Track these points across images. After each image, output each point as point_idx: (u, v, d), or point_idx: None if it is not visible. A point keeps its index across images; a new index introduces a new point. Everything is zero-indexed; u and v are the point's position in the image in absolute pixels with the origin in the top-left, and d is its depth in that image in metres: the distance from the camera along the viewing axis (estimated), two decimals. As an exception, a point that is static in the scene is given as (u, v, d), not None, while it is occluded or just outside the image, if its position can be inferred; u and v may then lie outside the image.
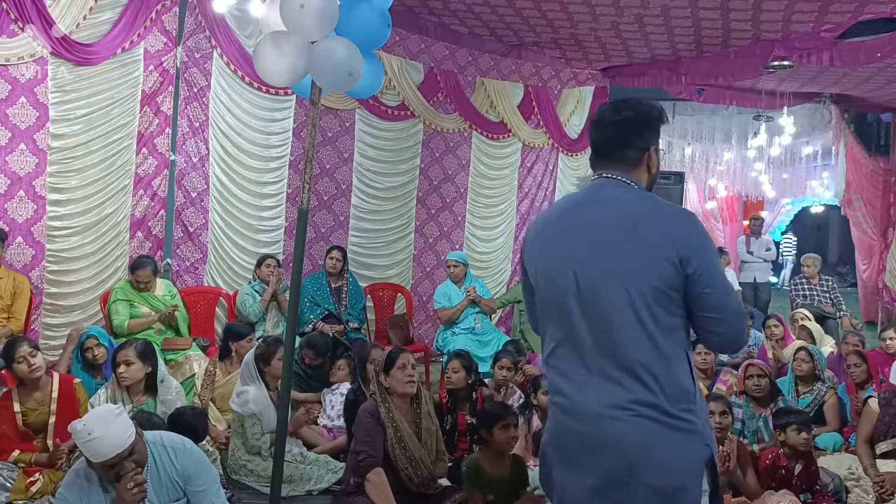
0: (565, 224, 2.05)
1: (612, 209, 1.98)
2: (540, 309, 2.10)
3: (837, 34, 6.15)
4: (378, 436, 3.45)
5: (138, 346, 4.00)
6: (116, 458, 2.62)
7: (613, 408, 1.88)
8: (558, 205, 2.19)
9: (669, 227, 1.92)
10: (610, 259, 1.92)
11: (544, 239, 2.07)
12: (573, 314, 1.95)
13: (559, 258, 2.00)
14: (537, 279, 2.08)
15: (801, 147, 11.54)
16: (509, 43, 7.58)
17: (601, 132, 2.07)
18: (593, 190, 2.06)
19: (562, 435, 2.01)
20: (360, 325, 6.25)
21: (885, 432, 4.13)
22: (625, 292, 1.88)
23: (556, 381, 2.01)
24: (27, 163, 4.94)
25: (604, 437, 1.89)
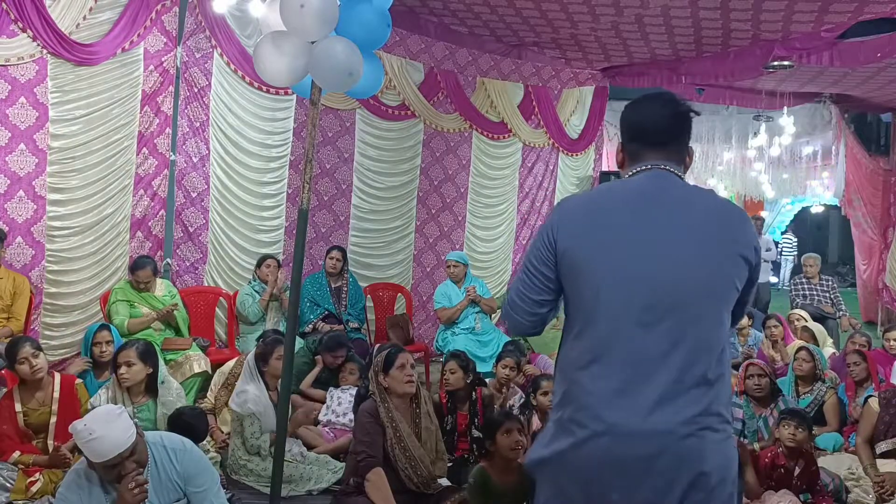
0: (636, 214, 1.84)
1: (692, 204, 1.87)
2: (578, 304, 1.86)
3: (837, 34, 6.16)
4: (377, 436, 3.45)
5: (139, 347, 3.98)
6: (117, 458, 2.62)
7: (685, 424, 1.74)
8: (616, 193, 1.96)
9: (742, 226, 1.89)
10: (699, 257, 1.80)
11: (603, 224, 1.84)
12: (638, 316, 1.77)
13: (631, 253, 1.80)
14: (580, 266, 1.83)
15: (801, 147, 11.55)
16: (509, 43, 7.58)
17: (663, 123, 1.95)
18: (660, 181, 1.90)
19: (596, 463, 1.78)
20: (359, 325, 6.25)
21: (885, 432, 4.13)
22: (712, 295, 1.80)
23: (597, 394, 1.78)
24: (27, 163, 4.94)
25: (670, 457, 1.74)
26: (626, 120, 2.01)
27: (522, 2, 6.17)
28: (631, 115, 2.00)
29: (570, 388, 1.84)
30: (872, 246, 10.35)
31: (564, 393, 1.86)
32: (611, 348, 1.79)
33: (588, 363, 1.81)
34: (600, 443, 1.77)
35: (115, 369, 3.97)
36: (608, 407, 1.77)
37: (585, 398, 1.79)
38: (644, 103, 1.99)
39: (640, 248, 1.81)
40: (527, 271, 1.93)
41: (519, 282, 1.96)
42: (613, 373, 1.78)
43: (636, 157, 1.96)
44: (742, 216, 1.92)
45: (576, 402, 1.81)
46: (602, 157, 9.46)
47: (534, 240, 1.96)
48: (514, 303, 1.95)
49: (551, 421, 1.92)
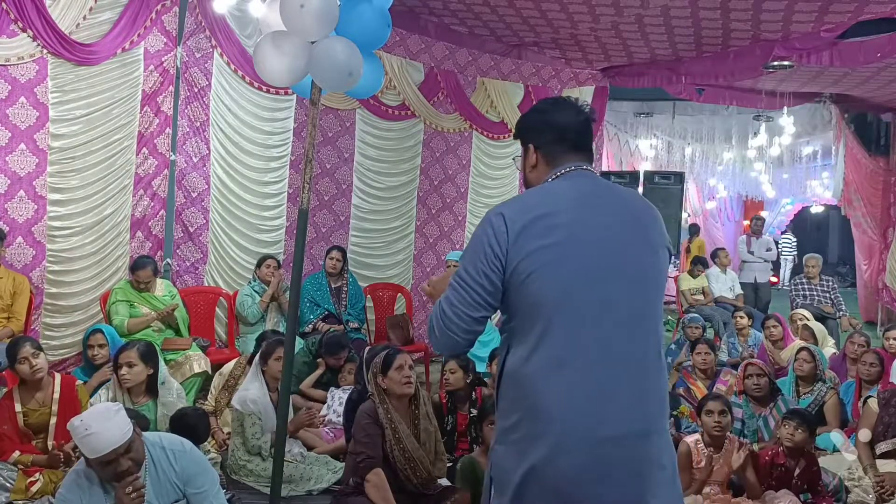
0: (584, 214, 1.85)
1: (624, 201, 1.94)
2: (535, 313, 1.79)
3: (837, 34, 6.15)
4: (377, 436, 3.45)
5: (141, 348, 3.99)
6: (112, 454, 2.62)
7: (651, 421, 1.81)
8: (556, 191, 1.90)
9: (659, 218, 1.99)
10: (643, 252, 1.87)
11: (555, 227, 1.81)
12: (603, 316, 1.78)
13: (586, 252, 1.80)
14: (540, 270, 1.78)
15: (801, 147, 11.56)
16: (509, 43, 7.58)
17: (582, 126, 1.98)
18: (592, 181, 1.94)
19: (576, 474, 1.75)
20: (359, 326, 6.25)
21: (884, 432, 4.13)
22: (658, 288, 1.90)
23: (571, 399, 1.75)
24: (27, 163, 4.94)
25: (642, 458, 1.78)
26: (542, 122, 1.99)
27: (522, 2, 6.17)
28: (547, 117, 1.99)
29: (533, 401, 1.77)
30: (872, 246, 10.35)
31: (526, 408, 1.79)
32: (579, 353, 1.77)
33: (554, 372, 1.76)
34: (579, 452, 1.74)
35: (115, 370, 3.97)
36: (580, 413, 1.75)
37: (554, 408, 1.75)
38: (557, 106, 2.01)
39: (596, 248, 1.82)
40: (465, 286, 1.83)
41: (453, 298, 1.84)
42: (585, 378, 1.76)
43: (556, 160, 1.96)
44: (655, 210, 2.01)
45: (543, 414, 1.76)
46: (602, 157, 9.47)
47: (470, 254, 1.86)
48: (449, 321, 1.83)
49: (506, 443, 1.84)
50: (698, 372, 5.14)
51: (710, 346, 5.31)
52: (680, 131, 11.85)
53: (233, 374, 4.76)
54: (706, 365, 5.15)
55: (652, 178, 8.29)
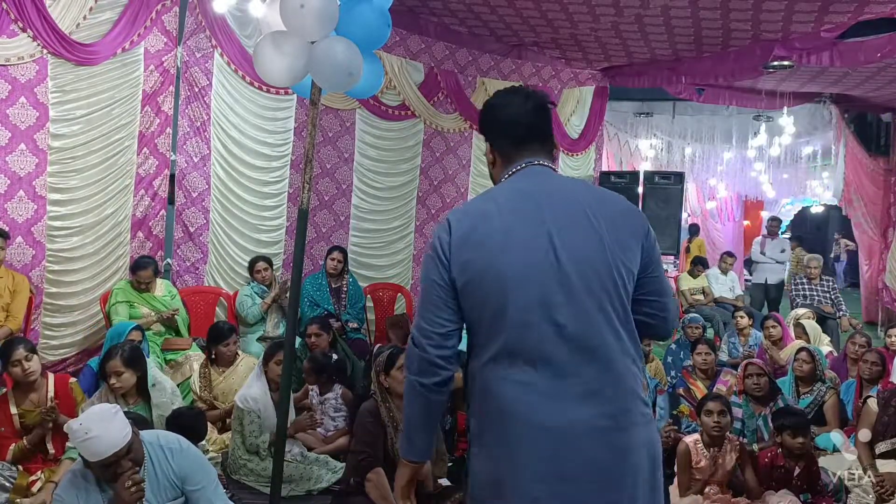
0: (527, 214, 1.81)
1: (573, 195, 1.86)
2: (478, 314, 1.81)
3: (837, 34, 6.15)
4: (378, 436, 3.45)
5: (124, 354, 3.89)
6: (113, 456, 2.62)
7: (616, 416, 1.76)
8: (498, 196, 1.88)
9: (625, 208, 1.90)
10: (590, 246, 1.79)
11: (491, 231, 1.80)
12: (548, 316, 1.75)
13: (524, 253, 1.77)
14: (480, 277, 1.78)
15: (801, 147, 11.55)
16: (509, 43, 7.58)
17: (531, 117, 1.92)
18: (538, 177, 1.89)
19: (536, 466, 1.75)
20: (359, 326, 6.25)
21: (884, 432, 4.13)
22: (609, 281, 1.79)
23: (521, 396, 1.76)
24: (27, 163, 4.94)
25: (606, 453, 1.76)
26: (492, 119, 1.96)
27: (522, 2, 6.17)
28: (496, 113, 1.95)
29: (493, 405, 1.79)
30: (873, 246, 10.35)
31: (487, 412, 1.81)
32: (525, 355, 1.76)
33: (505, 375, 1.77)
34: (539, 451, 1.74)
35: (105, 378, 3.90)
36: (535, 413, 1.74)
37: (510, 410, 1.76)
38: (505, 99, 1.95)
39: (532, 248, 1.78)
40: (424, 296, 1.85)
41: (419, 311, 1.85)
42: (534, 379, 1.75)
43: (510, 157, 1.93)
44: (622, 199, 1.92)
45: (502, 416, 1.78)
46: (602, 157, 9.47)
47: (424, 266, 1.88)
48: (418, 341, 1.84)
49: (477, 446, 1.86)
50: (698, 372, 5.13)
51: (710, 346, 5.31)
52: (680, 131, 11.86)
53: (202, 373, 4.79)
54: (706, 365, 5.14)
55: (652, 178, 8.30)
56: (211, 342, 4.85)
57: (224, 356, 4.81)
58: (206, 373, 4.79)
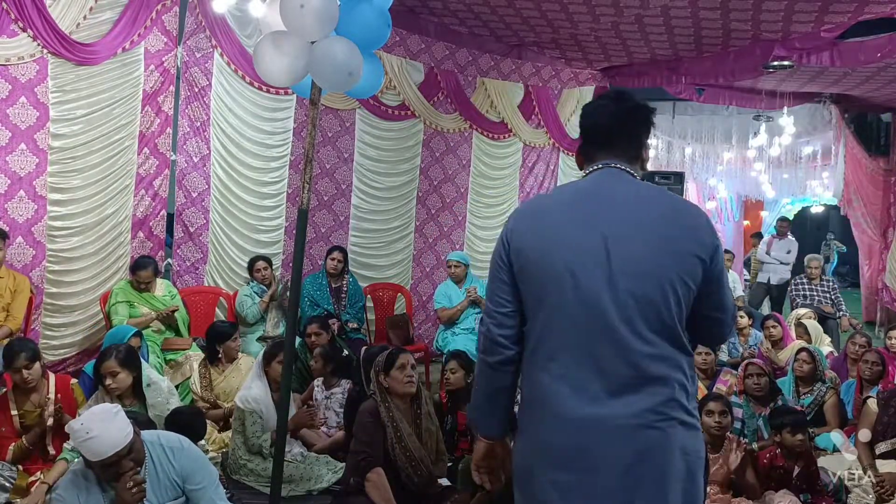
0: (583, 213, 1.87)
1: (641, 201, 1.89)
2: (527, 302, 1.90)
3: (837, 34, 6.15)
4: (378, 436, 3.45)
5: (119, 355, 3.88)
6: (115, 456, 2.62)
7: (646, 415, 1.79)
8: (563, 193, 2.01)
9: (694, 223, 1.88)
10: (644, 257, 1.81)
11: (544, 226, 1.89)
12: (581, 315, 1.80)
13: (573, 252, 1.83)
14: (530, 267, 1.88)
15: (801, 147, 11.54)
16: (509, 43, 7.58)
17: (615, 120, 1.96)
18: (605, 178, 1.93)
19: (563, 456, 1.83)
20: (359, 326, 6.24)
21: (884, 432, 4.13)
22: (660, 290, 1.80)
23: (555, 387, 1.83)
24: (27, 163, 4.94)
25: (634, 450, 1.78)
26: (583, 121, 2.04)
27: (522, 2, 6.17)
28: (583, 117, 2.03)
29: (531, 392, 1.91)
30: (872, 246, 10.35)
31: (527, 399, 1.93)
32: (564, 348, 1.84)
33: (544, 365, 1.86)
34: (572, 442, 1.81)
35: (100, 381, 3.88)
36: (573, 404, 1.81)
37: (543, 399, 1.86)
38: (596, 103, 2.05)
39: (583, 248, 1.83)
40: (490, 287, 1.99)
41: (487, 298, 2.01)
42: (570, 371, 1.83)
43: (589, 158, 2.00)
44: (697, 213, 1.92)
45: (535, 403, 1.89)
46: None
47: (492, 254, 2.01)
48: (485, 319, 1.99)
49: (520, 431, 1.97)
50: (698, 372, 5.13)
51: (710, 346, 5.31)
52: (680, 131, 11.85)
53: (201, 374, 4.81)
54: (706, 365, 5.15)
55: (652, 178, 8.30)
56: (216, 341, 4.85)
57: (231, 352, 4.85)
58: (205, 373, 4.80)
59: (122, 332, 4.49)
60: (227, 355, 4.86)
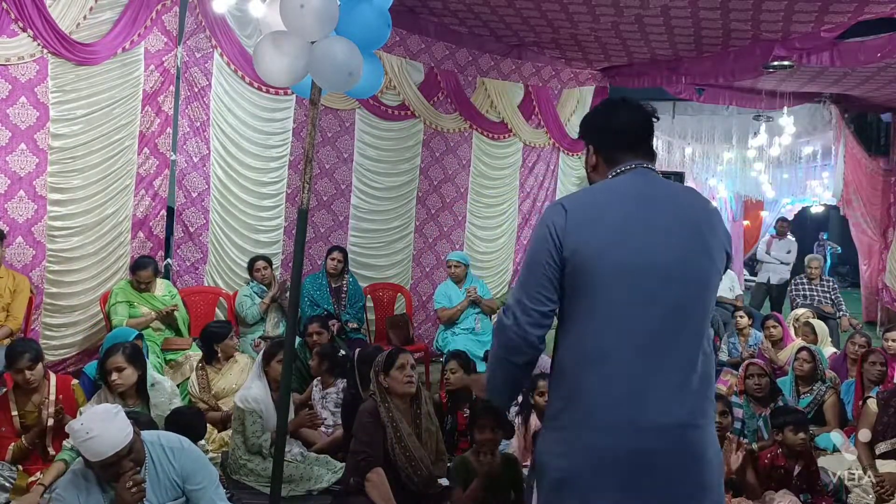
0: (638, 209, 1.90)
1: (680, 199, 1.98)
2: (577, 299, 1.87)
3: (837, 34, 6.15)
4: (378, 436, 3.45)
5: (126, 350, 3.89)
6: (115, 456, 2.62)
7: (690, 415, 1.83)
8: (610, 192, 1.97)
9: (719, 218, 2.00)
10: (694, 249, 1.89)
11: (610, 222, 1.88)
12: (648, 310, 1.83)
13: (636, 247, 1.85)
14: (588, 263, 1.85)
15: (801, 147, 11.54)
16: (509, 43, 7.58)
17: (640, 127, 2.03)
18: (649, 178, 1.99)
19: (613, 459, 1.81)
20: (359, 326, 6.24)
21: (884, 432, 4.13)
22: (705, 285, 1.90)
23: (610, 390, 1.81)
24: (27, 163, 4.94)
25: (684, 450, 1.82)
26: (607, 125, 2.05)
27: (522, 2, 6.17)
28: (611, 121, 2.05)
29: (575, 391, 1.86)
30: (872, 246, 10.35)
31: (569, 398, 1.87)
32: (619, 345, 1.83)
33: (595, 363, 1.83)
34: (618, 441, 1.80)
35: (104, 378, 3.89)
36: (619, 403, 1.81)
37: (593, 398, 1.83)
38: (619, 109, 2.06)
39: (643, 245, 1.86)
40: (529, 283, 1.91)
41: (521, 295, 1.91)
42: (624, 370, 1.81)
43: (615, 160, 2.01)
44: (716, 209, 2.07)
45: (583, 403, 1.84)
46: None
47: (534, 246, 1.94)
48: (519, 318, 1.90)
49: (551, 429, 1.93)
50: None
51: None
52: (680, 131, 11.84)
53: (199, 375, 4.81)
54: (706, 365, 5.13)
55: (652, 178, 8.28)
56: (214, 341, 4.85)
57: (229, 349, 4.87)
58: (202, 374, 4.80)
59: (123, 335, 4.48)
60: (225, 353, 4.87)
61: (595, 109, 2.16)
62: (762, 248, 9.66)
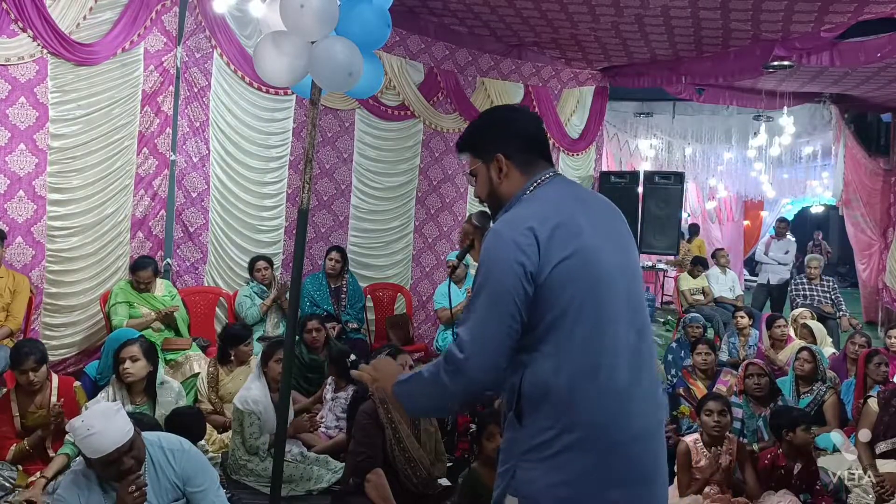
0: (587, 217, 1.83)
1: (603, 204, 1.98)
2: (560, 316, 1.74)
3: (837, 34, 6.16)
4: (377, 437, 3.45)
5: (143, 343, 4.01)
6: (115, 453, 2.62)
7: (661, 413, 1.91)
8: (559, 202, 1.86)
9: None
10: (631, 251, 1.94)
11: (582, 234, 1.79)
12: (624, 315, 1.81)
13: (605, 257, 1.81)
14: (571, 278, 1.75)
15: (801, 147, 11.55)
16: (509, 43, 7.58)
17: (543, 133, 2.01)
18: (575, 187, 1.99)
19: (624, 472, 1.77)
20: (359, 326, 6.24)
21: (884, 432, 4.13)
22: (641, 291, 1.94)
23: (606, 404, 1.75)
24: (27, 163, 4.94)
25: (658, 449, 1.87)
26: (512, 131, 1.94)
27: (522, 2, 6.17)
28: (517, 127, 1.96)
29: (571, 412, 1.74)
30: (872, 246, 10.35)
31: (563, 421, 1.74)
32: (607, 357, 1.76)
33: (588, 379, 1.74)
34: (618, 454, 1.76)
35: (117, 366, 3.95)
36: (615, 416, 1.76)
37: (591, 415, 1.74)
38: (519, 114, 2.02)
39: (605, 251, 1.82)
40: (497, 312, 1.73)
41: (488, 329, 1.73)
42: (613, 381, 1.76)
43: (531, 167, 1.92)
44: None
45: (582, 423, 1.74)
46: (602, 157, 9.47)
47: (499, 275, 1.74)
48: (486, 355, 1.73)
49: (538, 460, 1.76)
50: (698, 372, 5.13)
51: (711, 346, 5.31)
52: (680, 131, 11.85)
53: (209, 373, 4.81)
54: (706, 365, 5.15)
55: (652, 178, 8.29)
56: (231, 344, 4.85)
57: (243, 355, 4.86)
58: (213, 372, 4.79)
59: (124, 336, 4.51)
60: (239, 358, 4.84)
61: (493, 117, 2.02)
62: (761, 250, 9.67)
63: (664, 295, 11.67)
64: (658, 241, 7.84)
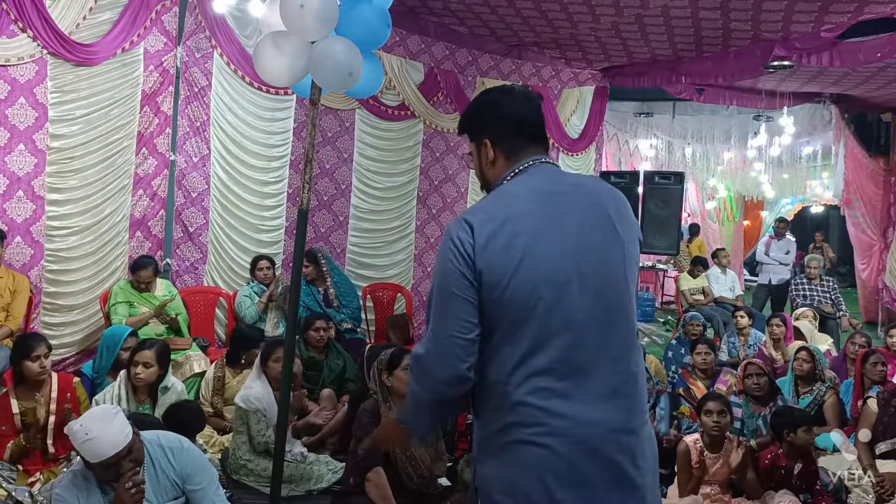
0: (549, 215, 1.77)
1: (588, 191, 1.86)
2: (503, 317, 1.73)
3: (837, 34, 6.15)
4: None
5: (158, 349, 4.04)
6: (114, 457, 2.62)
7: (632, 418, 1.77)
8: (520, 196, 1.81)
9: (627, 205, 1.88)
10: (610, 243, 1.80)
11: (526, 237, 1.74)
12: (569, 318, 1.72)
13: (555, 252, 1.73)
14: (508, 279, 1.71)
15: (801, 147, 11.55)
16: (509, 43, 7.58)
17: (537, 114, 1.91)
18: (553, 174, 1.87)
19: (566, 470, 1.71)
20: (354, 326, 6.14)
21: (884, 432, 4.13)
22: (627, 278, 1.80)
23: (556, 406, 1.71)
24: (26, 163, 4.93)
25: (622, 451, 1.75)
26: (496, 115, 1.90)
27: (522, 2, 6.17)
28: (501, 110, 1.90)
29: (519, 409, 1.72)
30: (872, 246, 10.35)
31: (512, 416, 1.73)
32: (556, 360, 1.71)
33: (535, 379, 1.71)
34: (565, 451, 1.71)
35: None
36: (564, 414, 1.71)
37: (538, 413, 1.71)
38: (508, 97, 1.91)
39: (561, 249, 1.74)
40: (448, 311, 1.74)
41: (441, 328, 1.75)
42: (566, 382, 1.72)
43: (516, 154, 1.88)
44: (622, 195, 1.91)
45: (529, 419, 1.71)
46: (602, 157, 9.48)
47: (443, 274, 1.76)
48: (443, 357, 1.73)
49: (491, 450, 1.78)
50: (698, 372, 5.14)
51: (710, 346, 5.31)
52: (680, 131, 11.85)
53: (216, 376, 4.81)
54: (706, 365, 5.15)
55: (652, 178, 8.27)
56: (243, 346, 4.87)
57: (253, 358, 4.75)
58: (220, 375, 4.79)
59: (119, 333, 4.55)
60: (248, 361, 4.80)
61: (483, 101, 1.95)
62: (761, 250, 9.67)
63: (664, 295, 11.68)
64: (658, 241, 7.83)
